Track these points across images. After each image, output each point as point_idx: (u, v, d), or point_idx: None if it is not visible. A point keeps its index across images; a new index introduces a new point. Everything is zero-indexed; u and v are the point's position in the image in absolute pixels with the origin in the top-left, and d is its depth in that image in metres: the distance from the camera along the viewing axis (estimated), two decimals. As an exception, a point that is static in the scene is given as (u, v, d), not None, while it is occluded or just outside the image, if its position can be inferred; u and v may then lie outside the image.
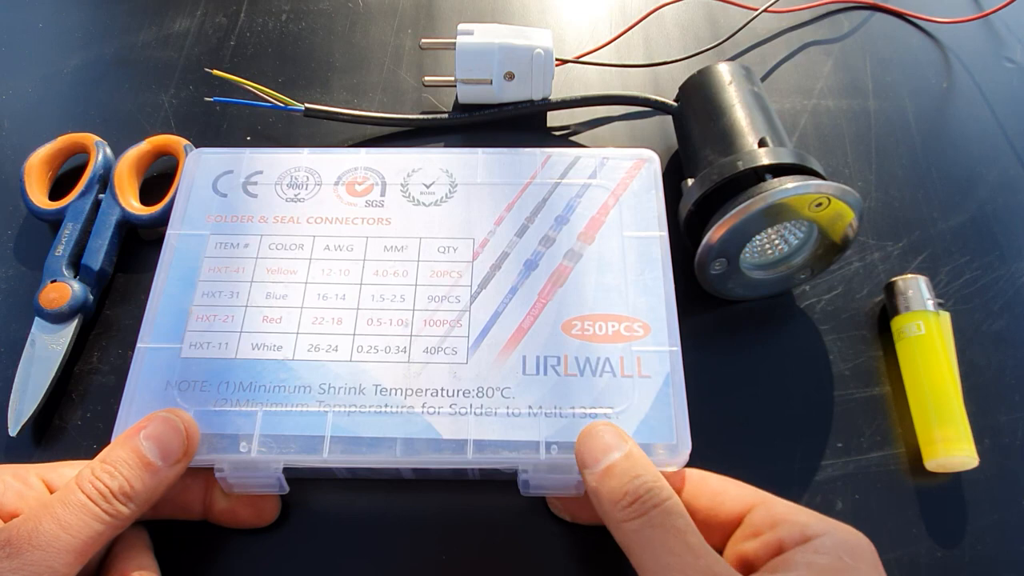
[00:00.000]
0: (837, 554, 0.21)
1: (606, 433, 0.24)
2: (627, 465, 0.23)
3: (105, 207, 0.33)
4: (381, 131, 0.38)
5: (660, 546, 0.21)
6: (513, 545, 0.27)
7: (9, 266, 0.34)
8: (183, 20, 0.43)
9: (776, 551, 0.22)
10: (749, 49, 0.42)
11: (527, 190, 0.31)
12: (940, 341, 0.30)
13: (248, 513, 0.26)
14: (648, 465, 0.23)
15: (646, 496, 0.22)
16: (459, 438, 0.26)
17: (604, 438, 0.24)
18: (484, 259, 0.29)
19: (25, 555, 0.20)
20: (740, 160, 0.29)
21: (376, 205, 0.31)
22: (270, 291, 0.29)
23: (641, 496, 0.22)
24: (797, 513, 0.23)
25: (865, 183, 0.36)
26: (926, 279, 0.31)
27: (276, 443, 0.26)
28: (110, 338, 0.32)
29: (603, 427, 0.24)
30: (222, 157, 0.32)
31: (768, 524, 0.23)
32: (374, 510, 0.28)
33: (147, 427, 0.24)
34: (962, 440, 0.28)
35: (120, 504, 0.22)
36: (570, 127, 0.39)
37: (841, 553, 0.21)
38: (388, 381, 0.27)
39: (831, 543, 0.21)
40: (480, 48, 0.36)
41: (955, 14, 0.42)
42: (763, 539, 0.22)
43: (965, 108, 0.39)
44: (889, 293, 0.32)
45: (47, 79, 0.40)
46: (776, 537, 0.22)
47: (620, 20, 0.43)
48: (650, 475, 0.22)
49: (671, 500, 0.22)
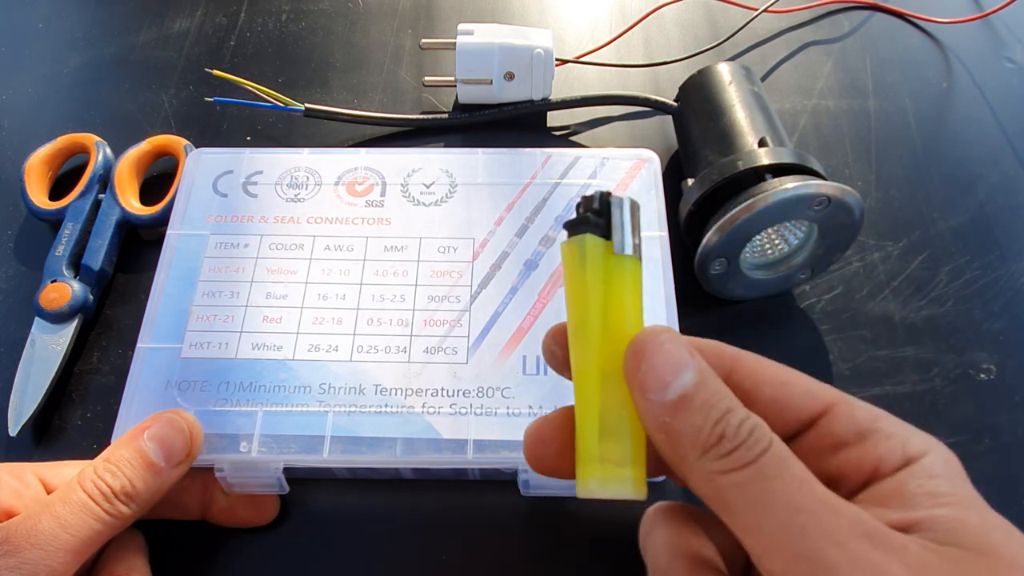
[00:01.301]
0: (951, 478, 0.17)
1: (668, 341, 0.17)
2: (708, 393, 0.17)
3: (105, 207, 0.33)
4: (381, 131, 0.38)
5: (784, 504, 0.15)
6: (513, 545, 0.27)
7: (9, 266, 0.34)
8: (183, 20, 0.43)
9: (872, 474, 0.17)
10: (749, 49, 0.42)
11: (527, 190, 0.31)
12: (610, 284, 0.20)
13: (247, 512, 0.26)
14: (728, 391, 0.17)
15: (750, 440, 0.16)
16: (459, 438, 0.26)
17: (671, 351, 0.17)
18: (484, 259, 0.29)
19: (23, 553, 0.20)
20: (740, 160, 0.29)
21: (376, 205, 0.31)
22: (270, 291, 0.29)
23: (744, 439, 0.16)
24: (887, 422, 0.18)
25: (865, 183, 0.36)
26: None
27: (276, 443, 0.26)
28: (110, 338, 0.32)
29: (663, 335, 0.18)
30: (222, 157, 0.32)
31: (854, 434, 0.18)
32: (374, 510, 0.28)
33: (151, 427, 0.24)
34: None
35: (121, 504, 0.22)
36: (570, 127, 0.39)
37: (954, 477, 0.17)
38: (388, 381, 0.27)
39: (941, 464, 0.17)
40: (480, 48, 0.36)
41: (955, 14, 0.42)
42: (850, 456, 0.18)
43: (965, 108, 0.39)
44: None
45: (47, 79, 0.40)
46: (870, 456, 0.17)
47: (620, 20, 0.43)
48: (740, 408, 0.17)
49: (778, 441, 0.17)
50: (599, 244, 0.19)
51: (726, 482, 0.16)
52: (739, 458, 0.16)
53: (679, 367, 0.17)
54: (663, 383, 0.17)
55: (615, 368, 0.18)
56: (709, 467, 0.16)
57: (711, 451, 0.16)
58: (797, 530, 0.15)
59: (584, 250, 0.19)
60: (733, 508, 0.16)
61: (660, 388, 0.17)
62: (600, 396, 0.19)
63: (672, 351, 0.17)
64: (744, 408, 0.17)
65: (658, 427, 0.17)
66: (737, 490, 0.16)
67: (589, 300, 0.19)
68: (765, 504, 0.16)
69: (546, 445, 0.20)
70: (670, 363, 0.17)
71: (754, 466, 0.16)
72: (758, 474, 0.16)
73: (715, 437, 0.16)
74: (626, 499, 0.19)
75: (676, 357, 0.17)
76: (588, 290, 0.19)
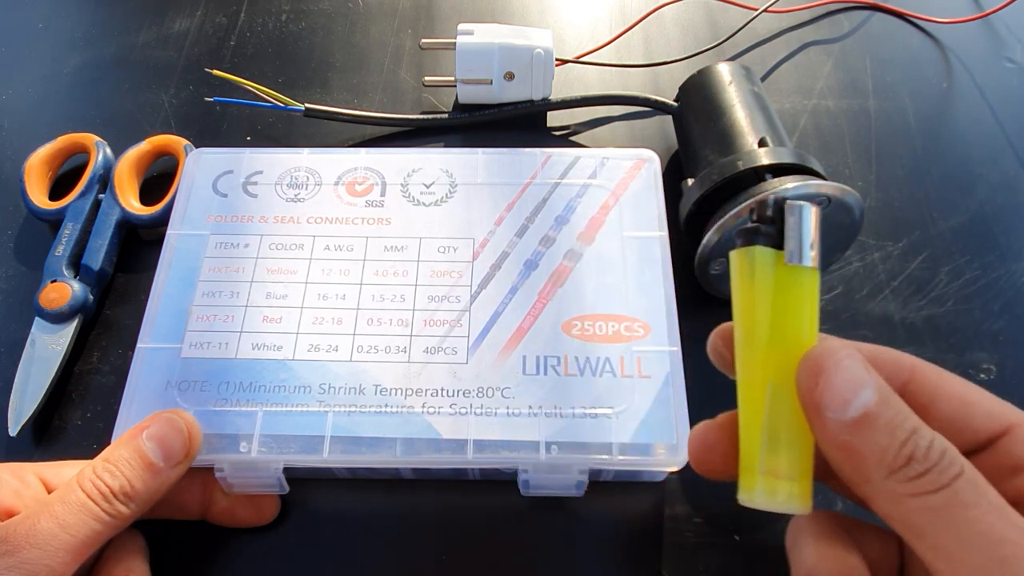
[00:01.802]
0: None
1: (846, 359, 0.17)
2: (891, 412, 0.17)
3: (105, 207, 0.33)
4: (381, 131, 0.38)
5: (984, 533, 0.15)
6: (513, 545, 0.27)
7: (9, 266, 0.34)
8: (183, 20, 0.43)
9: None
10: (749, 49, 0.42)
11: (527, 190, 0.31)
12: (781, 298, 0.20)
13: (247, 512, 0.26)
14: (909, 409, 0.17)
15: (943, 462, 0.16)
16: (459, 438, 0.26)
17: (850, 369, 0.17)
18: (484, 259, 0.29)
19: (22, 553, 0.20)
20: (740, 160, 0.29)
21: (376, 205, 0.31)
22: (270, 291, 0.29)
23: (936, 462, 0.16)
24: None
25: (865, 183, 0.36)
26: None
27: (276, 443, 0.26)
28: (110, 338, 0.32)
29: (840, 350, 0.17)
30: (222, 157, 0.32)
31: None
32: (374, 510, 0.28)
33: (150, 427, 0.24)
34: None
35: (120, 504, 0.22)
36: (570, 127, 0.39)
37: None
38: (388, 381, 0.27)
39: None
40: (480, 48, 0.36)
41: (955, 14, 0.42)
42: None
43: (965, 108, 0.39)
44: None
45: (47, 79, 0.40)
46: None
47: (620, 20, 0.43)
48: (924, 426, 0.17)
49: (969, 465, 0.16)
50: (769, 256, 0.18)
51: (916, 505, 0.16)
52: (932, 481, 0.16)
53: (859, 385, 0.17)
54: (843, 401, 0.17)
55: (784, 381, 0.18)
56: (897, 489, 0.16)
57: (899, 472, 0.16)
58: (998, 560, 0.15)
59: (753, 263, 0.19)
60: (923, 532, 0.16)
61: (841, 406, 0.17)
62: (767, 407, 0.18)
63: (851, 368, 0.17)
64: (929, 428, 0.17)
65: (838, 446, 0.17)
66: (929, 514, 0.16)
67: (757, 313, 0.19)
68: (961, 531, 0.15)
69: (711, 449, 0.20)
70: (849, 381, 0.17)
71: (948, 490, 0.16)
72: (953, 499, 0.15)
73: (903, 458, 0.16)
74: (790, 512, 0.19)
75: (855, 375, 0.17)
76: (756, 303, 0.19)
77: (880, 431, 0.16)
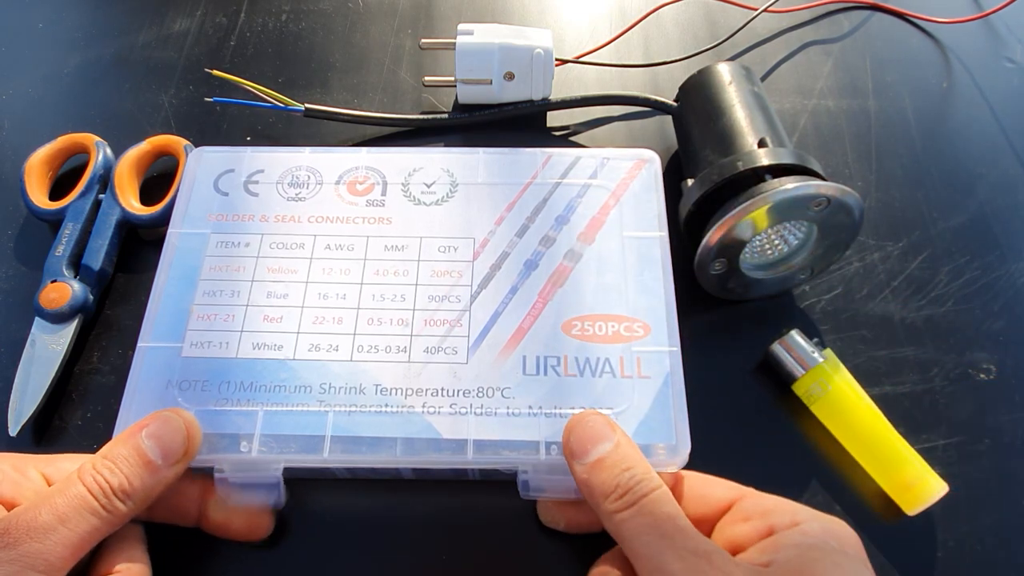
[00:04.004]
0: (823, 537, 0.22)
1: (595, 423, 0.24)
2: (617, 457, 0.23)
3: (105, 207, 0.33)
4: (381, 131, 0.38)
5: (652, 532, 0.21)
6: (513, 545, 0.27)
7: (9, 266, 0.34)
8: (183, 20, 0.43)
9: (765, 534, 0.23)
10: (749, 49, 0.42)
11: (527, 190, 0.31)
12: (849, 388, 0.29)
13: (241, 526, 0.26)
14: (637, 455, 0.24)
15: (636, 487, 0.22)
16: (459, 438, 0.26)
17: (594, 428, 0.24)
18: (484, 259, 0.29)
19: (22, 546, 0.20)
20: (740, 160, 0.29)
21: (377, 204, 0.31)
22: (271, 290, 0.29)
23: (632, 487, 0.22)
24: (786, 503, 0.24)
25: (865, 183, 0.36)
26: (797, 331, 0.30)
27: (276, 443, 0.26)
28: (110, 338, 0.32)
29: (592, 417, 0.25)
30: (223, 156, 0.32)
31: (758, 512, 0.23)
32: (374, 510, 0.28)
33: (149, 426, 0.24)
34: (926, 476, 0.27)
35: (118, 501, 0.22)
36: (570, 127, 0.39)
37: (827, 537, 0.22)
38: (388, 381, 0.27)
39: (819, 528, 0.22)
40: (480, 48, 0.36)
41: (955, 14, 0.42)
42: (753, 524, 0.23)
43: (965, 108, 0.39)
44: (775, 361, 0.30)
45: (47, 79, 0.40)
46: (766, 523, 0.23)
47: (620, 20, 0.43)
48: (640, 467, 0.23)
49: (660, 489, 0.23)
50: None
51: (618, 519, 0.22)
52: (626, 501, 0.22)
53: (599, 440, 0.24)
54: (585, 451, 0.24)
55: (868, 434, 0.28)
56: (609, 507, 0.22)
57: (609, 496, 0.23)
58: (656, 551, 0.21)
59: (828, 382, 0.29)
60: (622, 537, 0.22)
61: (583, 454, 0.24)
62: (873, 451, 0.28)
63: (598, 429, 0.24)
64: (643, 467, 0.23)
65: (581, 482, 0.24)
66: (624, 524, 0.22)
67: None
68: (639, 533, 0.22)
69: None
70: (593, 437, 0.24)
71: (636, 506, 0.22)
72: (638, 512, 0.22)
73: (615, 487, 0.23)
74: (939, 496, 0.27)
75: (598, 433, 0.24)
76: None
77: (606, 470, 0.23)
